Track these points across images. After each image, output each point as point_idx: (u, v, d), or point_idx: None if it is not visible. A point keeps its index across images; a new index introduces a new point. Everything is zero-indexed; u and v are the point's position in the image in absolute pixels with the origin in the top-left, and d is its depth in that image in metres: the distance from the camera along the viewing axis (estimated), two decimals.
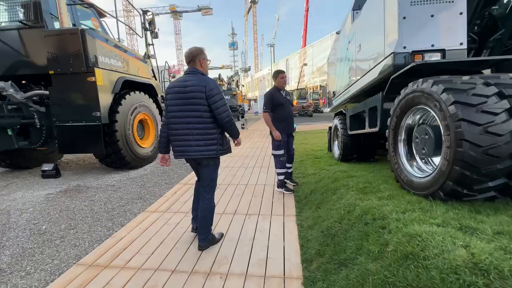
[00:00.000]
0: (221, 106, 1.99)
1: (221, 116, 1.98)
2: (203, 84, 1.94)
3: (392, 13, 2.60)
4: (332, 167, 4.24)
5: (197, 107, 1.95)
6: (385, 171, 3.38)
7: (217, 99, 1.97)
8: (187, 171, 5.05)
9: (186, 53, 2.07)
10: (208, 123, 1.99)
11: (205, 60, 2.10)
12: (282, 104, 3.62)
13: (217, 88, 2.01)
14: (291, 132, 3.74)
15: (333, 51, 5.47)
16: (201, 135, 1.98)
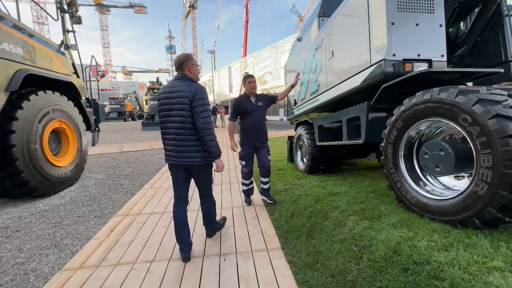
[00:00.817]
0: (201, 112, 1.92)
1: (198, 121, 1.91)
2: (189, 89, 1.93)
3: (380, 18, 2.42)
4: (303, 181, 3.91)
5: (181, 112, 1.93)
6: (367, 185, 3.20)
7: (198, 104, 1.92)
8: (126, 195, 3.93)
9: (174, 60, 2.10)
10: (192, 129, 1.96)
11: (194, 66, 2.08)
12: (248, 111, 3.13)
13: (202, 94, 1.95)
14: (261, 142, 3.24)
15: (293, 58, 5.29)
16: (185, 141, 1.97)
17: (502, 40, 2.65)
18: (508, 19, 2.64)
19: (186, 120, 1.93)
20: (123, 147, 9.07)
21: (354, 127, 3.11)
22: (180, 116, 1.93)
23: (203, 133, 1.92)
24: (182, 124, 1.94)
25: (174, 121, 1.96)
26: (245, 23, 56.74)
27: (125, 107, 31.53)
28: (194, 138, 1.96)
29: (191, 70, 2.05)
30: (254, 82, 3.18)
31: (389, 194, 2.69)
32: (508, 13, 2.64)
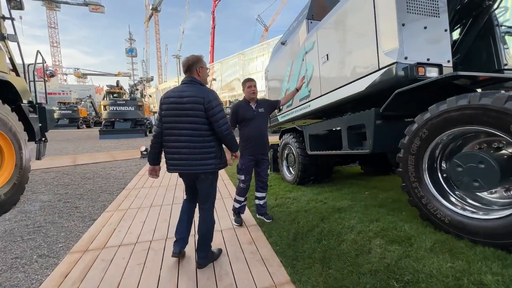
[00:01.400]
0: (221, 119, 1.86)
1: (221, 129, 1.87)
2: (201, 95, 1.83)
3: (390, 19, 2.24)
4: (295, 194, 3.58)
5: (194, 119, 1.83)
6: (368, 197, 2.99)
7: (216, 111, 1.84)
8: (83, 221, 3.15)
9: (183, 62, 1.98)
10: (206, 136, 1.88)
11: (203, 69, 1.97)
12: (248, 119, 2.74)
13: (217, 100, 1.87)
14: (262, 153, 2.85)
15: (276, 62, 5.03)
16: (199, 149, 1.87)
17: (494, 49, 2.69)
18: (498, 28, 2.69)
19: (201, 127, 1.84)
20: (77, 159, 7.83)
21: (355, 135, 2.90)
22: (193, 123, 1.84)
23: (228, 139, 1.93)
24: (196, 131, 1.84)
25: (186, 128, 1.86)
26: (212, 29, 56.40)
27: (78, 112, 28.33)
28: (209, 145, 1.88)
29: (200, 74, 1.94)
30: (255, 86, 2.80)
31: (401, 207, 2.49)
32: (498, 23, 2.70)
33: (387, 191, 3.26)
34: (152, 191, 4.26)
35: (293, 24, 4.49)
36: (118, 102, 15.89)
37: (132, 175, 5.58)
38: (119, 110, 15.75)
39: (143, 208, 3.51)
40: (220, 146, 1.95)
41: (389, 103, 2.24)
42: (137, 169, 6.25)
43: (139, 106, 16.24)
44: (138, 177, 5.32)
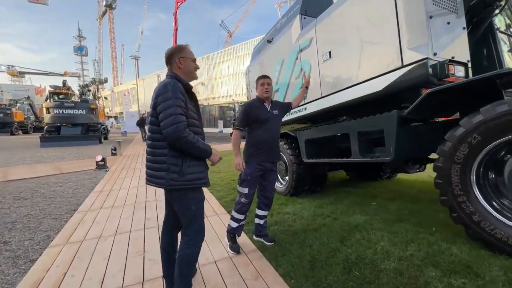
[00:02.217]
0: (166, 118, 1.40)
1: (166, 132, 1.41)
2: (156, 89, 1.49)
3: (416, 10, 1.99)
4: (293, 208, 3.16)
5: (150, 119, 1.52)
6: (379, 209, 2.68)
7: (161, 108, 1.43)
8: (15, 265, 2.24)
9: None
10: (156, 140, 1.51)
11: (186, 60, 1.59)
12: (262, 120, 2.29)
13: (166, 94, 1.43)
14: (271, 162, 2.39)
15: (261, 62, 4.61)
16: (151, 156, 1.53)
17: (496, 53, 2.66)
18: (498, 33, 2.67)
19: (152, 129, 1.55)
20: (8, 173, 6.28)
21: (367, 141, 2.60)
22: (151, 126, 1.55)
23: (179, 144, 1.45)
24: (151, 134, 1.55)
25: (149, 130, 1.59)
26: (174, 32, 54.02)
27: (12, 116, 24.10)
28: (158, 153, 1.52)
29: (182, 65, 1.59)
30: (269, 84, 2.34)
31: (425, 221, 2.23)
32: (498, 28, 2.68)
33: (392, 200, 3.04)
34: (115, 213, 3.41)
35: (280, 21, 4.15)
36: (65, 105, 13.71)
37: (86, 192, 4.54)
38: (66, 114, 13.60)
39: (105, 237, 2.71)
40: (178, 156, 1.49)
41: (417, 105, 1.96)
42: (92, 183, 5.16)
43: (92, 109, 14.26)
44: (95, 194, 4.33)
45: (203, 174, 1.60)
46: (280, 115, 2.47)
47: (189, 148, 1.48)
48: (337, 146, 3.29)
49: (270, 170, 2.42)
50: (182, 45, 1.62)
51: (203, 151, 1.54)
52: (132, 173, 6.05)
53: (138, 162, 7.71)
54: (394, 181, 4.44)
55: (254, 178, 2.35)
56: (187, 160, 1.50)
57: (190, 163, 1.51)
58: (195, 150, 1.50)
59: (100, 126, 15.17)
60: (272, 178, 2.47)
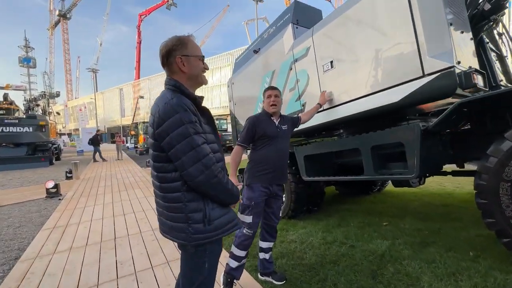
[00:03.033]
0: (184, 154, 1.00)
1: (188, 174, 1.01)
2: (154, 111, 1.06)
3: (436, 16, 1.87)
4: (297, 235, 2.79)
5: (153, 154, 1.09)
6: (398, 231, 2.43)
7: (173, 140, 1.00)
8: None
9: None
10: (165, 181, 1.07)
11: (190, 59, 1.12)
12: (270, 136, 1.97)
13: (174, 118, 1.00)
14: (278, 184, 2.06)
15: (247, 73, 4.31)
16: (162, 202, 1.10)
17: (488, 66, 2.71)
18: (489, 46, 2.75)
19: (157, 167, 1.10)
20: None
21: (381, 156, 2.39)
22: (155, 159, 1.10)
23: (209, 191, 1.07)
24: (158, 173, 1.10)
25: (153, 167, 1.13)
26: (137, 44, 52.14)
27: None
28: (170, 198, 1.08)
29: (184, 68, 1.12)
30: (276, 96, 2.03)
31: (453, 243, 2.02)
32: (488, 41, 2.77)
33: (401, 217, 2.87)
34: (74, 258, 2.65)
35: (267, 30, 3.94)
36: (6, 121, 11.73)
37: (33, 230, 3.60)
38: (7, 132, 11.57)
39: None
40: (198, 198, 1.08)
41: (446, 117, 1.79)
42: (42, 218, 4.16)
43: (41, 126, 12.38)
44: (46, 232, 3.43)
45: (232, 214, 1.17)
46: (289, 131, 2.15)
47: (218, 192, 1.08)
48: (341, 162, 3.06)
49: (276, 195, 2.07)
50: (184, 36, 1.15)
51: (231, 195, 1.12)
52: (93, 200, 5.12)
53: (101, 186, 6.68)
54: (385, 194, 4.36)
55: (259, 203, 1.98)
56: (209, 201, 1.09)
57: (213, 204, 1.10)
58: (223, 194, 1.10)
59: (51, 145, 13.27)
60: (278, 204, 2.12)
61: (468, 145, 2.38)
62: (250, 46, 4.45)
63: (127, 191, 5.85)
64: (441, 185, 4.47)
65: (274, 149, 1.96)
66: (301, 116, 2.37)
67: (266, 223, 2.10)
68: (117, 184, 6.78)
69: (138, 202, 4.84)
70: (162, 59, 1.13)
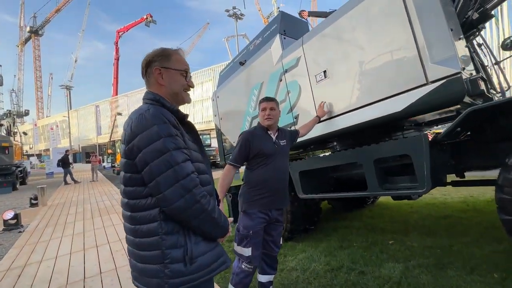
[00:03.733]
0: (160, 174, 0.82)
1: (164, 198, 0.82)
2: (126, 125, 0.89)
3: (436, 21, 1.79)
4: (297, 260, 2.50)
5: (124, 176, 0.90)
6: (406, 251, 2.23)
7: (148, 157, 0.82)
8: None
9: None
10: (137, 209, 0.87)
11: (169, 72, 0.98)
12: (267, 155, 1.74)
13: (150, 130, 0.83)
14: (278, 208, 1.81)
15: (231, 86, 4.11)
16: (131, 236, 0.90)
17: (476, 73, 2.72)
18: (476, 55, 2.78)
19: (129, 193, 0.88)
20: None
21: (384, 170, 2.22)
22: (126, 182, 0.89)
23: (193, 221, 0.84)
24: (126, 201, 0.89)
25: (123, 192, 0.92)
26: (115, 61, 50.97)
27: None
28: (143, 231, 0.85)
29: (162, 81, 0.97)
30: (272, 109, 1.82)
31: (477, 263, 1.85)
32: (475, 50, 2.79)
33: (405, 234, 2.70)
34: None
35: (253, 42, 3.81)
36: None
37: None
38: None
39: None
40: (177, 229, 0.86)
41: (456, 125, 1.67)
42: None
43: (2, 148, 11.27)
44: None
45: (220, 250, 0.96)
46: (288, 147, 1.93)
47: (201, 222, 0.86)
48: (339, 176, 2.87)
49: (276, 220, 1.82)
50: (169, 49, 1.02)
51: (218, 226, 0.91)
52: (61, 231, 4.50)
53: (71, 213, 5.99)
54: (380, 206, 4.22)
55: (258, 232, 1.72)
56: (191, 233, 0.88)
57: (196, 238, 0.89)
58: (207, 225, 0.88)
59: (16, 169, 12.05)
60: (279, 231, 1.87)
61: (469, 154, 2.29)
62: (235, 58, 4.29)
63: (102, 217, 5.25)
64: (430, 194, 4.43)
65: (273, 168, 1.72)
66: (300, 130, 2.17)
67: (265, 253, 1.82)
68: (90, 210, 6.12)
69: (114, 230, 4.31)
70: (142, 69, 1.01)
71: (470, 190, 4.45)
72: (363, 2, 2.15)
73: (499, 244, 2.10)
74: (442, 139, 1.84)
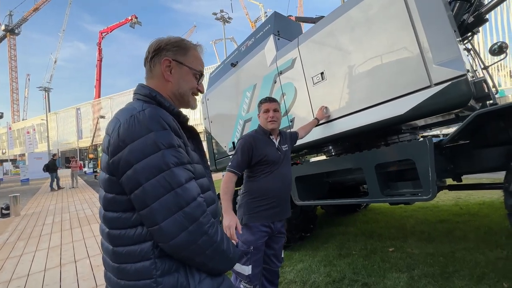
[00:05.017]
0: (156, 199, 0.62)
1: (160, 232, 0.63)
2: (110, 129, 0.69)
3: (440, 22, 1.74)
4: (296, 271, 2.37)
5: (105, 196, 0.70)
6: (408, 259, 2.15)
7: (141, 176, 0.63)
8: None
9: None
10: (129, 244, 0.66)
11: (182, 68, 0.81)
12: (270, 162, 1.60)
13: (144, 139, 0.63)
14: (280, 220, 1.67)
15: (222, 89, 3.95)
16: (116, 280, 0.69)
17: None
18: None
19: (108, 219, 0.69)
20: None
21: (386, 175, 2.14)
22: (107, 201, 0.69)
23: (185, 255, 0.66)
24: (104, 228, 0.71)
25: (103, 210, 0.72)
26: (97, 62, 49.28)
27: None
28: (134, 272, 0.65)
29: (171, 77, 0.80)
30: (276, 111, 1.67)
31: (486, 272, 1.79)
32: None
33: (403, 240, 2.64)
34: None
35: (245, 43, 3.68)
36: None
37: None
38: None
39: None
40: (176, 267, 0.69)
41: (463, 129, 1.61)
42: None
43: None
44: None
45: (228, 285, 0.79)
46: (289, 151, 1.80)
47: (207, 257, 0.69)
48: (336, 181, 2.78)
49: (279, 233, 1.68)
50: (187, 41, 0.85)
51: (227, 259, 0.75)
52: (35, 244, 4.12)
53: (47, 223, 5.54)
54: (373, 211, 4.18)
55: (259, 248, 1.57)
56: (193, 269, 0.70)
57: (200, 275, 0.70)
58: (215, 259, 0.71)
59: None
60: (281, 244, 1.74)
61: (469, 158, 2.26)
62: (226, 60, 4.15)
63: (81, 228, 4.88)
64: None
65: (277, 176, 1.58)
66: (299, 132, 2.05)
67: (265, 268, 1.67)
68: (68, 220, 5.70)
69: (95, 241, 4.00)
70: (147, 54, 0.81)
71: (457, 192, 4.52)
72: (363, 1, 2.08)
73: (502, 250, 2.07)
74: (448, 143, 1.77)
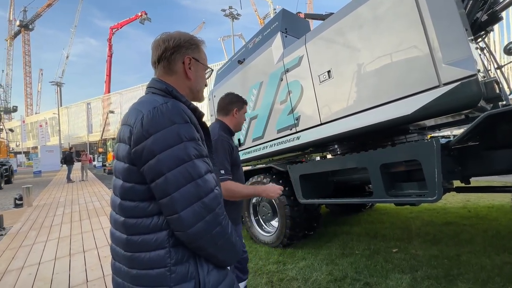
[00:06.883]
0: (177, 189, 0.64)
1: (179, 221, 0.64)
2: (131, 120, 0.70)
3: (451, 20, 1.70)
4: (297, 269, 2.38)
5: (122, 185, 0.71)
6: (412, 260, 2.13)
7: (164, 166, 0.65)
8: None
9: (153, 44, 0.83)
10: (145, 233, 0.68)
11: (199, 66, 0.86)
12: (238, 164, 1.62)
13: (170, 132, 0.66)
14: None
15: (228, 86, 3.96)
16: (126, 269, 0.70)
17: None
18: None
19: (125, 208, 0.70)
20: None
21: (392, 175, 2.13)
22: (124, 191, 0.71)
23: (199, 244, 0.67)
24: (119, 218, 0.72)
25: (117, 202, 0.73)
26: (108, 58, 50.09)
27: None
28: (147, 261, 0.66)
29: (191, 74, 0.83)
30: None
31: (492, 276, 1.76)
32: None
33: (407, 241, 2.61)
34: None
35: (252, 40, 3.68)
36: None
37: None
38: None
39: None
40: (187, 257, 0.70)
41: (472, 130, 1.58)
42: None
43: None
44: None
45: (231, 278, 0.80)
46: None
47: (218, 248, 0.71)
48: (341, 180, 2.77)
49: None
50: (196, 37, 0.87)
51: (235, 252, 0.76)
52: (46, 234, 4.26)
53: (58, 214, 5.72)
54: (379, 211, 4.15)
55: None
56: (202, 260, 0.71)
57: (208, 265, 0.72)
58: (225, 251, 0.73)
59: (1, 167, 11.59)
60: (239, 231, 1.70)
61: (477, 160, 2.22)
62: (233, 57, 4.16)
63: (90, 220, 5.02)
64: None
65: (240, 178, 1.58)
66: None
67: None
68: (78, 211, 5.86)
69: (103, 233, 4.11)
70: (163, 53, 0.80)
71: (466, 195, 4.43)
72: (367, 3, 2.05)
73: (509, 254, 2.03)
74: (455, 144, 1.74)
